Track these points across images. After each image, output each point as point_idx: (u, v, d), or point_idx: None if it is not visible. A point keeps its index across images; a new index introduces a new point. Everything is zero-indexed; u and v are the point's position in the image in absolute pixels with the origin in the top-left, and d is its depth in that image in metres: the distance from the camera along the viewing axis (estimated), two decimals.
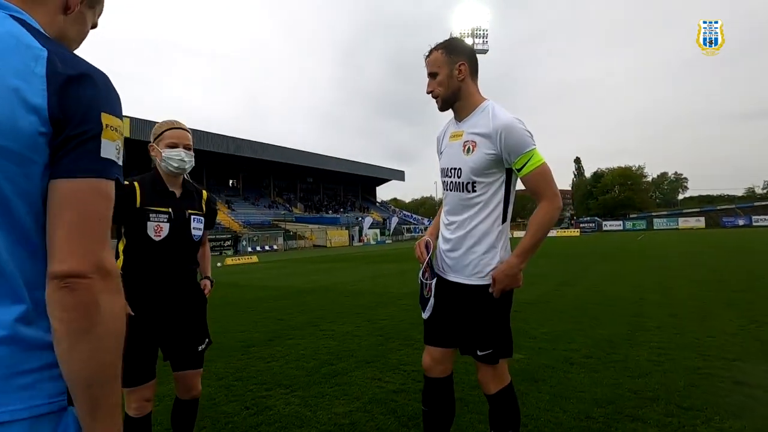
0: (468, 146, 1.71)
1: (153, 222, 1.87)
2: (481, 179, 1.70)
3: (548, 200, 1.66)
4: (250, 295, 8.74)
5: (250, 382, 3.47)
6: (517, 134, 1.63)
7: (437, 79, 1.73)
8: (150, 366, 1.90)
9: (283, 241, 39.17)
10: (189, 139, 2.00)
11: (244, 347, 4.57)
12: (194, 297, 2.08)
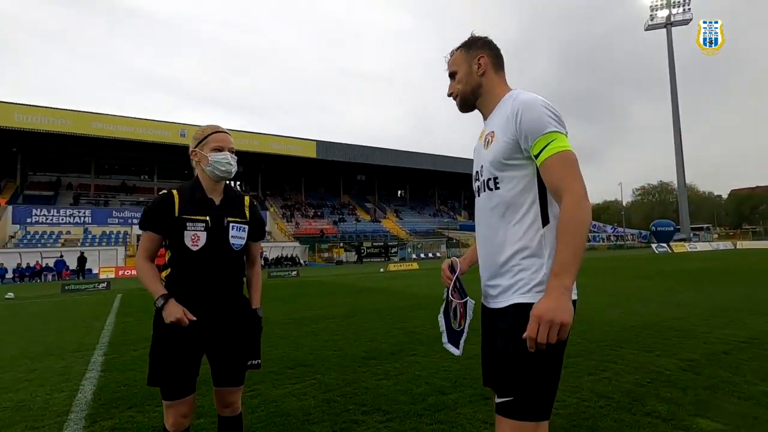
0: (487, 139, 1.44)
1: (190, 231, 1.76)
2: (502, 173, 1.38)
3: (569, 193, 1.26)
4: (398, 302, 8.74)
5: (352, 401, 3.20)
6: (537, 112, 1.32)
7: (457, 77, 1.53)
8: (189, 380, 1.77)
9: (445, 249, 39.39)
10: (233, 143, 1.89)
11: (365, 359, 4.37)
12: (240, 311, 1.90)
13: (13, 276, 25.87)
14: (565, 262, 1.22)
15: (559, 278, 1.21)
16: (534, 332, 1.18)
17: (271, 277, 19.36)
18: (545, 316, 1.17)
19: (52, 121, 32.78)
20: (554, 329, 1.17)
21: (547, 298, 1.20)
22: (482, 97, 1.50)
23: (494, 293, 1.43)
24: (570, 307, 1.19)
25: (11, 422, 3.02)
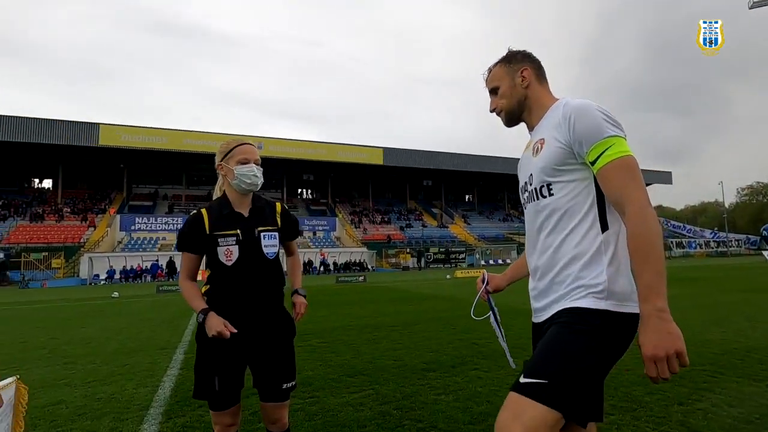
0: (536, 147, 1.38)
1: (222, 247, 1.79)
2: (555, 179, 1.31)
3: (632, 204, 1.17)
4: (463, 311, 8.47)
5: (407, 415, 3.11)
6: (591, 116, 1.25)
7: (500, 92, 1.48)
8: (233, 392, 1.80)
9: (516, 255, 37.74)
10: (258, 155, 1.91)
11: (424, 370, 4.26)
12: (281, 326, 1.90)
13: (119, 277, 29.39)
14: (650, 282, 1.11)
15: (649, 302, 1.10)
16: (653, 371, 1.08)
17: (338, 282, 19.88)
18: (658, 353, 1.06)
19: (151, 139, 36.92)
20: (672, 361, 1.06)
21: (647, 330, 1.09)
22: (528, 109, 1.46)
23: (545, 306, 1.35)
24: (675, 329, 1.07)
25: (102, 413, 3.35)
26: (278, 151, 41.13)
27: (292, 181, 48.24)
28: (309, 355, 5.11)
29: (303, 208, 48.97)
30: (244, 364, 1.84)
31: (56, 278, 28.93)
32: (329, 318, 8.28)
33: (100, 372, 4.63)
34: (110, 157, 39.01)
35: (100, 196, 41.76)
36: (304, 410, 3.26)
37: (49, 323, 8.89)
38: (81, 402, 3.62)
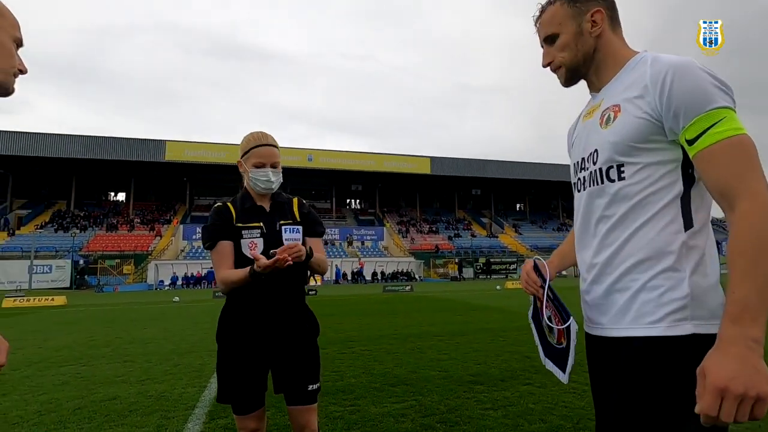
0: (607, 114, 1.06)
1: (246, 239, 1.75)
2: (631, 159, 1.00)
3: (749, 198, 0.86)
4: (513, 323, 8.06)
5: (452, 429, 2.91)
6: (695, 79, 0.92)
7: (559, 41, 1.13)
8: (257, 395, 1.73)
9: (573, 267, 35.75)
10: (277, 157, 1.83)
11: (471, 383, 4.03)
12: (304, 324, 1.82)
13: (182, 283, 31.26)
14: (748, 300, 0.81)
15: (740, 325, 0.81)
16: (713, 409, 0.78)
17: (385, 292, 19.81)
18: (732, 387, 0.77)
19: (210, 154, 39.29)
20: (747, 404, 0.77)
21: (726, 356, 0.80)
22: (596, 64, 1.13)
23: (601, 317, 1.06)
24: (764, 369, 0.78)
25: (152, 410, 3.46)
26: (327, 162, 42.20)
27: (340, 191, 49.21)
28: (352, 362, 5.03)
29: (351, 217, 49.70)
30: (266, 364, 1.76)
31: (127, 283, 31.31)
32: (374, 326, 8.19)
33: (154, 371, 4.83)
34: (175, 171, 41.97)
35: (165, 208, 44.94)
36: (344, 418, 3.16)
37: (116, 324, 9.54)
38: (134, 399, 3.76)
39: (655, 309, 0.95)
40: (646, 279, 0.98)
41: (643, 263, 0.99)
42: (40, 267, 29.77)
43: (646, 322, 0.96)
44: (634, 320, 0.98)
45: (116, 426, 3.11)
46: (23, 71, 1.00)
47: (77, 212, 41.12)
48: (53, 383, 4.35)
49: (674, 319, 0.93)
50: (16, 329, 8.60)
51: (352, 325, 8.43)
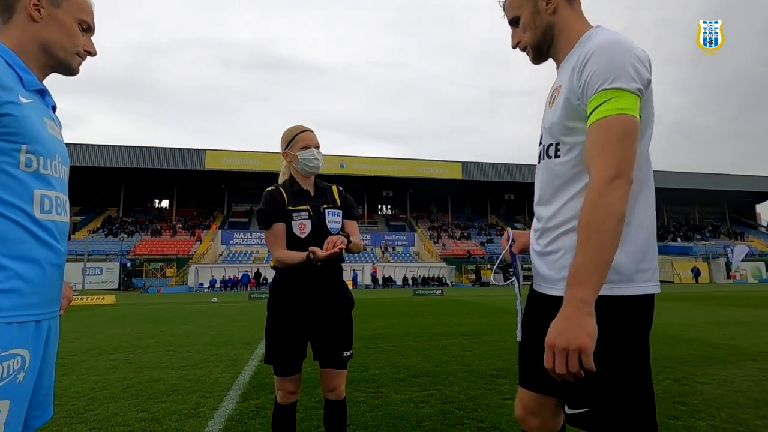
0: (553, 95, 1.16)
1: (296, 221, 1.95)
2: (566, 137, 1.10)
3: (595, 176, 0.98)
4: None
5: (469, 415, 3.00)
6: (608, 58, 1.00)
7: (521, 22, 1.21)
8: (295, 361, 1.93)
9: None
10: (317, 140, 2.06)
11: (492, 377, 4.07)
12: (341, 298, 2.03)
13: (220, 286, 32.50)
14: (582, 267, 0.94)
15: (573, 289, 0.94)
16: (549, 362, 0.94)
17: (415, 296, 19.84)
18: (557, 343, 0.91)
19: (246, 162, 40.78)
20: (572, 357, 0.90)
21: (559, 317, 0.94)
22: (555, 40, 1.19)
23: (544, 274, 1.20)
24: (589, 325, 0.91)
25: (191, 390, 3.74)
26: (359, 168, 42.75)
27: (372, 197, 49.66)
28: (377, 356, 5.18)
29: (383, 223, 49.99)
30: (307, 334, 1.97)
31: (169, 286, 32.87)
32: (401, 325, 8.30)
33: (193, 359, 5.17)
34: (214, 178, 43.79)
35: (205, 214, 46.91)
36: (366, 402, 3.31)
37: (159, 320, 10.14)
38: (175, 381, 4.07)
39: None
40: (567, 246, 1.10)
41: (568, 232, 1.11)
42: (92, 269, 31.79)
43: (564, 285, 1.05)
44: (557, 281, 1.12)
45: (160, 402, 3.41)
46: (91, 53, 1.14)
47: (125, 218, 43.67)
48: (105, 367, 4.76)
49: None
50: (72, 323, 9.32)
51: (380, 324, 8.58)
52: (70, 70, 1.14)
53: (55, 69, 1.12)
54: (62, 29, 1.07)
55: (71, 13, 1.08)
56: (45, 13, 1.04)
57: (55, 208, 1.04)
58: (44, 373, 1.06)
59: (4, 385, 0.90)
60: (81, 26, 1.11)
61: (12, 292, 0.93)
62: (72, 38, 1.09)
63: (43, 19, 1.04)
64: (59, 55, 1.09)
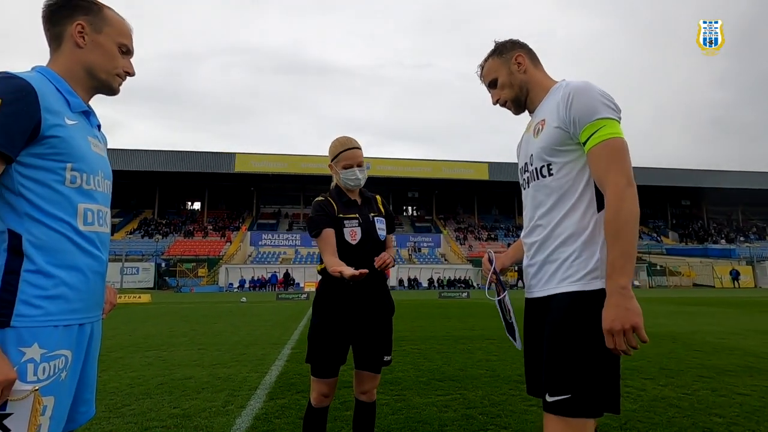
0: (537, 128, 1.41)
1: (348, 228, 2.03)
2: (555, 159, 1.34)
3: (610, 186, 1.22)
4: None
5: (493, 421, 2.98)
6: (588, 97, 1.28)
7: (499, 83, 1.51)
8: (333, 364, 1.97)
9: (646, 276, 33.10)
10: (361, 157, 2.13)
11: (518, 382, 4.02)
12: (385, 303, 2.10)
13: (249, 286, 33.30)
14: (615, 261, 1.17)
15: (612, 280, 1.17)
16: (611, 344, 1.16)
17: (441, 298, 19.73)
18: (615, 327, 1.14)
19: (274, 165, 41.63)
20: (629, 335, 1.14)
21: (608, 306, 1.16)
22: (531, 92, 1.49)
23: (539, 282, 1.38)
24: (634, 306, 1.14)
25: (220, 389, 3.88)
26: (384, 170, 42.85)
27: (397, 198, 49.70)
28: (401, 358, 5.20)
29: (408, 224, 49.93)
30: (350, 338, 2.02)
31: (201, 285, 33.94)
32: (425, 328, 8.29)
33: (223, 358, 5.34)
34: (243, 181, 44.96)
35: (235, 215, 48.20)
36: (390, 405, 3.34)
37: (191, 319, 10.51)
38: (206, 379, 4.23)
39: (576, 272, 1.28)
40: (570, 251, 1.30)
41: (569, 239, 1.31)
42: (130, 269, 33.23)
43: (570, 281, 1.28)
44: (560, 281, 1.31)
45: (191, 399, 3.55)
46: (131, 73, 1.24)
47: (160, 220, 45.41)
48: (140, 363, 4.99)
49: (590, 278, 1.26)
50: (110, 321, 9.78)
51: (404, 326, 8.59)
52: (112, 90, 1.23)
53: (99, 90, 1.21)
54: (104, 53, 1.16)
55: (112, 38, 1.18)
56: (88, 39, 1.14)
57: (97, 220, 1.12)
58: (88, 373, 1.15)
59: (50, 383, 0.98)
60: (121, 49, 1.20)
61: (59, 298, 1.01)
62: (113, 61, 1.18)
63: (87, 45, 1.13)
64: (102, 77, 1.18)
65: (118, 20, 1.21)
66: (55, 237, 1.02)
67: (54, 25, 1.13)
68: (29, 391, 0.92)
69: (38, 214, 1.00)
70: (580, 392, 1.18)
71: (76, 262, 1.06)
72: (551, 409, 1.22)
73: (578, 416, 1.18)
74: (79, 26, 1.12)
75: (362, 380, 2.03)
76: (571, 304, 1.25)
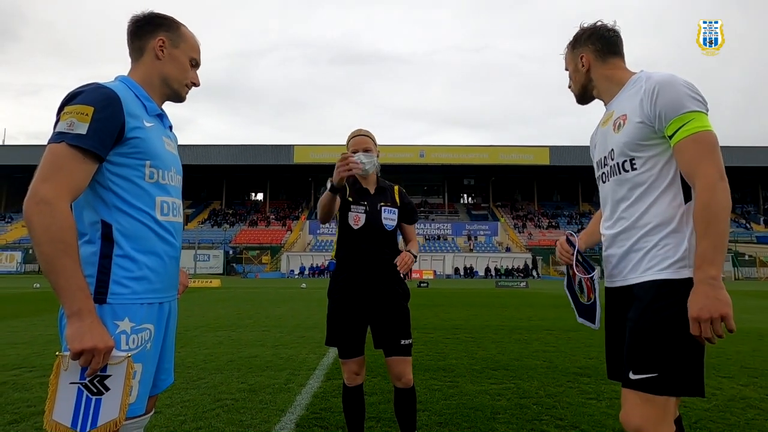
0: (618, 122, 1.40)
1: (353, 213, 2.11)
2: (639, 153, 1.34)
3: (701, 178, 1.20)
4: None
5: (548, 412, 2.93)
6: (674, 91, 1.27)
7: (569, 74, 1.60)
8: (356, 344, 2.07)
9: (732, 267, 30.03)
10: (367, 143, 2.15)
11: (576, 375, 3.90)
12: (397, 290, 2.14)
13: (308, 273, 34.75)
14: (705, 252, 1.17)
15: (702, 270, 1.17)
16: (696, 331, 1.16)
17: (498, 287, 19.32)
18: (702, 315, 1.14)
19: (331, 156, 42.57)
20: (716, 324, 1.14)
21: (696, 295, 1.17)
22: (597, 87, 1.52)
23: (622, 272, 1.37)
24: (724, 296, 1.14)
25: (283, 368, 4.15)
26: (439, 158, 42.40)
27: (452, 186, 48.97)
28: (455, 346, 5.22)
29: (464, 212, 49.11)
30: (365, 320, 2.11)
31: (265, 272, 35.98)
32: (480, 317, 8.21)
33: (284, 339, 5.69)
34: (301, 172, 46.67)
35: (295, 205, 50.27)
36: (442, 391, 3.39)
37: (256, 303, 11.23)
38: (269, 358, 4.54)
39: (662, 260, 1.28)
40: (656, 240, 1.30)
41: (654, 229, 1.30)
42: (202, 256, 36.00)
43: (657, 270, 1.28)
44: (646, 270, 1.30)
45: (257, 376, 3.84)
46: (196, 84, 1.39)
47: (227, 210, 48.54)
48: (212, 342, 5.45)
49: (678, 267, 1.26)
50: (187, 303, 10.73)
51: (459, 314, 8.57)
52: (180, 98, 1.39)
53: (169, 98, 1.37)
54: (179, 66, 1.32)
55: (186, 53, 1.33)
56: (167, 52, 1.29)
57: (172, 211, 1.28)
58: (167, 345, 1.31)
59: (139, 352, 1.14)
60: (191, 63, 1.36)
61: (143, 279, 1.17)
62: (185, 73, 1.34)
63: (165, 57, 1.29)
64: (174, 87, 1.33)
65: (191, 37, 1.35)
66: (138, 226, 1.18)
67: (138, 39, 1.29)
68: (124, 357, 1.08)
69: (124, 206, 1.16)
70: (667, 371, 1.20)
71: (155, 248, 1.21)
72: (634, 386, 1.24)
73: (663, 394, 1.21)
74: (161, 41, 1.28)
75: (393, 365, 2.08)
76: (659, 291, 1.26)
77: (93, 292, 1.09)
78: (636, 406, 1.23)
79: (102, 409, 1.05)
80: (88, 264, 1.11)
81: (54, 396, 1.03)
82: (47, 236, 1.01)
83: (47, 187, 1.03)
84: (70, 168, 1.06)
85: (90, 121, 1.07)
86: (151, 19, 1.29)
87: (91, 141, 1.08)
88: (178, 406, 2.98)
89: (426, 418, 2.81)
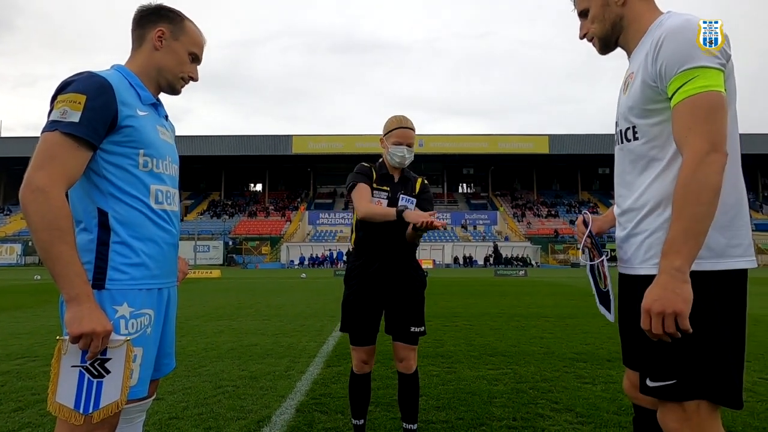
0: (627, 81, 1.19)
1: (375, 198, 2.13)
2: (641, 120, 1.13)
3: (687, 151, 1.00)
4: None
5: (544, 396, 2.98)
6: (682, 40, 1.02)
7: (590, 14, 1.24)
8: (368, 332, 2.09)
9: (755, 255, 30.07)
10: (413, 138, 2.17)
11: (572, 360, 3.95)
12: (413, 277, 2.16)
13: (308, 263, 34.87)
14: (676, 238, 0.99)
15: (667, 258, 1.00)
16: (647, 325, 1.02)
17: (497, 276, 19.43)
18: (654, 308, 0.99)
19: (330, 146, 42.55)
20: (669, 320, 0.98)
21: (655, 285, 1.01)
22: (625, 31, 1.21)
23: (629, 256, 1.21)
24: (684, 291, 0.97)
25: (283, 355, 4.20)
26: (438, 147, 42.25)
27: (451, 175, 48.92)
28: (453, 333, 5.27)
29: (463, 202, 49.12)
30: (380, 307, 2.13)
31: (265, 262, 36.10)
32: (480, 305, 8.27)
33: (285, 328, 5.74)
34: (300, 162, 46.56)
35: (294, 196, 50.23)
36: (440, 377, 3.44)
37: (256, 292, 11.30)
38: (269, 347, 4.59)
39: (657, 253, 1.07)
40: (657, 224, 1.12)
41: (654, 210, 1.13)
42: (201, 247, 36.08)
43: (653, 263, 1.10)
44: (645, 260, 1.14)
45: (257, 364, 3.89)
46: (194, 79, 1.39)
47: (226, 201, 48.50)
48: (213, 331, 5.51)
49: None
50: (187, 293, 10.79)
51: (458, 303, 8.63)
52: (175, 90, 1.38)
53: (164, 89, 1.37)
54: (175, 58, 1.32)
55: (185, 46, 1.33)
56: (165, 44, 1.29)
57: (166, 199, 1.29)
58: (168, 330, 1.34)
59: (138, 336, 1.16)
60: (191, 56, 1.36)
61: (141, 266, 1.19)
62: (181, 66, 1.33)
63: (162, 48, 1.29)
64: (168, 78, 1.34)
65: (194, 31, 1.36)
66: (134, 213, 1.19)
67: (140, 27, 1.30)
68: (123, 341, 1.11)
69: (119, 194, 1.18)
70: (687, 378, 1.03)
71: (153, 235, 1.23)
72: (651, 394, 1.10)
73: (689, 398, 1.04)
74: (160, 32, 1.28)
75: (397, 350, 2.12)
76: None
77: (91, 278, 1.11)
78: (667, 415, 1.08)
79: (103, 391, 1.08)
80: (87, 251, 1.13)
81: (56, 379, 1.06)
82: (43, 223, 1.03)
83: (41, 175, 1.05)
84: (63, 156, 1.07)
85: (83, 109, 1.08)
86: (157, 10, 1.30)
87: (84, 129, 1.09)
88: (180, 393, 3.03)
89: (424, 402, 2.85)
